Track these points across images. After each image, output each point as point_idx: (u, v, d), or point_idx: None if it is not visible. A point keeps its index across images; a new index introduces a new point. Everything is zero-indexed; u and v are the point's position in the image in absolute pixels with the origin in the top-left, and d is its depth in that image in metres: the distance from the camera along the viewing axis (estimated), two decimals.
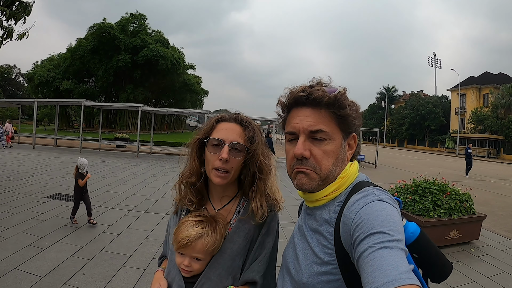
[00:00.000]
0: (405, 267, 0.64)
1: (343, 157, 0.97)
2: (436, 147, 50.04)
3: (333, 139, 0.94)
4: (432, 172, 8.17)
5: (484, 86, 45.52)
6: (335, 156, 0.94)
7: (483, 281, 3.98)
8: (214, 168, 1.15)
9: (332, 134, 0.93)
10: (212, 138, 1.17)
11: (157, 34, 47.35)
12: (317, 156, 0.93)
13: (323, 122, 0.93)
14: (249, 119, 1.25)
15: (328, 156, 0.93)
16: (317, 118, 0.93)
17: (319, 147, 0.93)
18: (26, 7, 7.95)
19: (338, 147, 0.95)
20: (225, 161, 1.13)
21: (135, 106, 18.56)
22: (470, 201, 5.37)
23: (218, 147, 1.15)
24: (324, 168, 0.93)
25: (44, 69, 42.98)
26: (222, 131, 1.18)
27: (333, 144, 0.94)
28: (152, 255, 4.17)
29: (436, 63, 60.74)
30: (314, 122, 0.93)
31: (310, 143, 0.94)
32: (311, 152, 0.93)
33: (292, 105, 0.99)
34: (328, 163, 0.93)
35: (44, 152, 15.16)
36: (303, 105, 0.96)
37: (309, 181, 0.94)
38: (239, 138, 1.18)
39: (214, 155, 1.15)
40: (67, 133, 34.41)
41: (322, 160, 0.93)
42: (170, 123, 57.48)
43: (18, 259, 3.75)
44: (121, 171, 11.13)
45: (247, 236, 1.19)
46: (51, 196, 6.78)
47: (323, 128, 0.92)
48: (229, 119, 1.23)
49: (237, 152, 1.16)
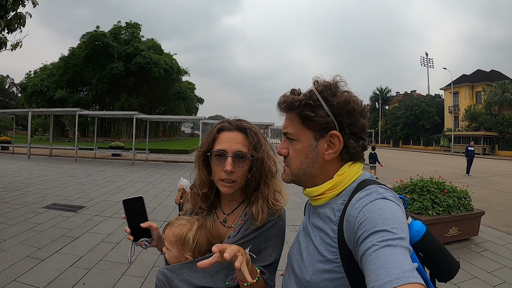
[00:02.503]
0: (409, 265, 0.64)
1: (314, 157, 0.97)
2: (431, 146, 50.38)
3: (300, 139, 0.99)
4: (428, 171, 8.21)
5: (477, 83, 46.01)
6: (304, 155, 0.98)
7: (484, 276, 4.00)
8: (220, 179, 1.16)
9: (298, 135, 0.99)
10: (214, 150, 1.17)
11: (150, 41, 47.27)
12: (289, 154, 1.02)
13: (290, 125, 1.00)
14: (252, 125, 1.25)
15: (297, 154, 1.00)
16: (288, 121, 1.02)
17: (291, 146, 1.01)
18: (20, 18, 7.92)
19: (306, 146, 0.98)
20: (230, 172, 1.13)
21: (130, 114, 18.52)
22: (468, 198, 5.40)
23: (222, 158, 1.16)
24: (293, 165, 1.01)
25: (37, 78, 42.61)
26: (224, 142, 1.17)
27: (300, 144, 0.99)
28: (152, 263, 4.13)
29: (428, 62, 61.43)
30: (285, 124, 1.03)
31: (288, 142, 1.03)
32: (288, 150, 1.02)
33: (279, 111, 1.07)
34: (297, 161, 1.00)
35: (39, 162, 15.05)
36: (281, 111, 1.05)
37: (284, 175, 1.06)
38: (242, 147, 1.17)
39: (219, 166, 1.16)
40: (62, 142, 34.18)
41: (292, 158, 1.01)
42: (165, 130, 57.24)
43: (17, 271, 3.70)
44: (118, 179, 11.07)
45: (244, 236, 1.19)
46: (48, 206, 6.72)
47: (289, 130, 1.00)
48: (230, 128, 1.22)
49: (241, 161, 1.17)
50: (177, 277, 1.12)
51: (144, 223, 1.21)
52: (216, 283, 1.11)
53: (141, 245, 1.22)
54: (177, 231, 1.19)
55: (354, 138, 0.95)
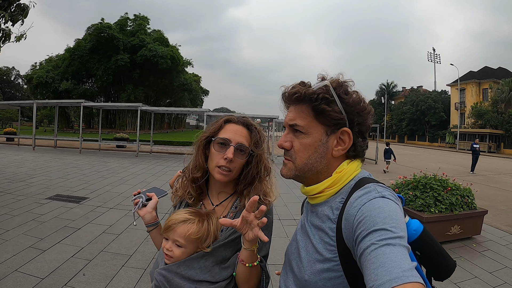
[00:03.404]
0: (408, 264, 0.63)
1: (322, 152, 0.96)
2: (437, 143, 50.10)
3: (310, 133, 0.96)
4: (432, 167, 8.15)
5: (484, 80, 45.50)
6: (312, 150, 0.96)
7: (485, 276, 3.97)
8: (217, 166, 1.21)
9: (308, 128, 0.96)
10: (219, 137, 1.23)
11: (156, 33, 47.22)
12: (295, 147, 0.98)
13: (300, 117, 0.96)
14: (256, 124, 1.33)
15: (305, 149, 0.96)
16: (296, 113, 0.98)
17: (298, 140, 0.97)
18: (23, 9, 7.91)
19: (317, 141, 0.96)
20: (229, 160, 1.19)
21: (135, 106, 18.53)
22: (471, 196, 5.35)
23: (224, 146, 1.22)
24: (299, 159, 0.97)
25: (42, 70, 42.88)
26: (230, 132, 1.24)
27: (310, 137, 0.96)
28: (153, 255, 4.16)
29: (436, 58, 60.78)
30: (293, 116, 0.98)
31: (292, 135, 0.99)
32: (292, 143, 0.98)
33: (285, 103, 1.04)
34: (304, 155, 0.96)
35: (44, 154, 15.16)
36: (288, 102, 1.01)
37: (286, 171, 1.01)
38: (244, 141, 1.25)
39: (219, 153, 1.21)
40: (67, 134, 34.45)
41: (299, 152, 0.97)
42: (170, 122, 57.45)
43: (19, 261, 3.74)
44: (121, 171, 11.12)
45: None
46: (51, 198, 6.77)
47: (299, 122, 0.96)
48: (237, 121, 1.29)
49: (241, 153, 1.23)
50: (176, 276, 1.14)
51: (150, 193, 1.36)
52: (215, 277, 1.14)
53: (135, 204, 1.33)
54: (196, 228, 1.17)
55: (361, 136, 0.97)
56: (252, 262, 1.08)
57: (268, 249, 1.26)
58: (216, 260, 1.16)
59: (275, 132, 22.82)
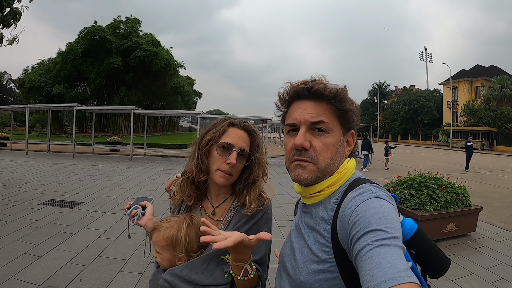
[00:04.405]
0: (404, 264, 0.63)
1: (341, 152, 0.97)
2: (430, 141, 50.40)
3: (333, 132, 0.94)
4: (426, 166, 8.21)
5: (476, 79, 45.93)
6: (334, 150, 0.94)
7: (482, 273, 4.00)
8: (219, 169, 1.22)
9: (332, 127, 0.94)
10: (223, 141, 1.23)
11: (148, 36, 47.08)
12: (316, 147, 0.93)
13: (324, 114, 0.93)
14: (255, 128, 1.34)
15: (328, 148, 0.93)
16: (319, 110, 0.94)
17: (319, 139, 0.93)
18: (16, 13, 7.84)
19: (338, 141, 0.95)
20: (232, 166, 1.21)
21: (128, 109, 18.41)
22: (466, 194, 5.40)
23: (227, 151, 1.23)
24: (322, 160, 0.93)
25: (35, 74, 42.45)
26: (233, 137, 1.25)
27: (333, 137, 0.94)
28: (149, 259, 4.13)
29: (427, 57, 61.26)
30: (316, 113, 0.93)
31: (310, 134, 0.94)
32: (311, 143, 0.93)
33: (293, 98, 0.99)
34: (327, 155, 0.93)
35: (37, 158, 15.01)
36: (304, 98, 0.96)
37: (307, 174, 0.93)
38: (245, 146, 1.27)
39: (222, 158, 1.22)
40: (60, 138, 34.11)
41: (322, 152, 0.93)
42: (163, 125, 57.24)
43: (14, 268, 3.69)
44: (116, 174, 11.05)
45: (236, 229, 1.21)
46: (45, 203, 6.70)
47: (324, 119, 0.93)
48: (239, 126, 1.30)
49: (242, 158, 1.25)
50: (180, 280, 1.13)
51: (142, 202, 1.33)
52: (216, 280, 1.14)
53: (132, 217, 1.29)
54: (166, 234, 1.19)
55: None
56: (244, 276, 1.04)
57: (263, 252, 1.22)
58: (217, 262, 1.15)
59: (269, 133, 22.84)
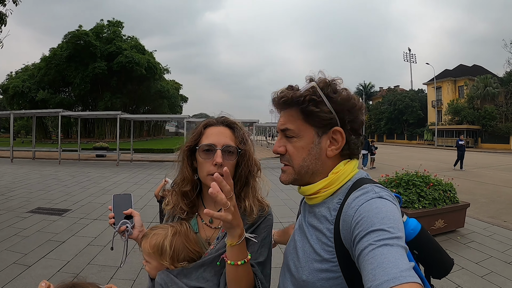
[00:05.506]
0: (406, 264, 0.64)
1: (317, 153, 0.96)
2: (415, 140, 51.19)
3: (302, 136, 0.97)
4: (413, 164, 8.32)
5: (459, 78, 46.90)
6: (306, 152, 0.96)
7: (472, 267, 4.08)
8: (209, 174, 1.13)
9: (299, 132, 0.97)
10: (203, 144, 1.16)
11: (132, 40, 46.62)
12: (289, 151, 0.99)
13: (290, 121, 0.98)
14: (236, 121, 1.27)
15: (298, 151, 0.97)
16: (286, 117, 0.99)
17: (291, 144, 0.98)
18: (2, 18, 7.69)
19: (309, 143, 0.96)
20: (220, 165, 1.12)
21: (114, 114, 18.20)
22: (453, 191, 5.50)
23: (210, 152, 1.15)
24: (295, 163, 0.98)
25: (18, 79, 41.50)
26: (212, 136, 1.18)
27: (302, 140, 0.97)
28: (141, 265, 4.05)
29: (411, 58, 62.20)
30: (284, 121, 0.99)
31: (286, 140, 1.00)
32: (286, 148, 0.99)
33: (276, 108, 1.04)
34: (299, 157, 0.97)
35: (22, 166, 14.69)
36: (279, 107, 1.02)
37: (285, 177, 1.01)
38: (230, 141, 1.19)
39: (207, 161, 1.15)
40: (45, 144, 33.35)
41: (293, 155, 0.98)
42: (149, 129, 56.56)
43: (3, 279, 3.60)
44: (103, 181, 10.90)
45: None
46: (32, 211, 6.56)
47: (289, 126, 0.97)
48: (217, 123, 1.23)
49: (230, 155, 1.17)
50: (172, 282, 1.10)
51: (127, 210, 1.23)
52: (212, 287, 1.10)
53: (121, 232, 1.20)
54: (153, 242, 1.16)
55: (354, 134, 0.97)
56: (236, 260, 1.00)
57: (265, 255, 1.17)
58: (214, 271, 1.11)
59: (256, 136, 22.87)
